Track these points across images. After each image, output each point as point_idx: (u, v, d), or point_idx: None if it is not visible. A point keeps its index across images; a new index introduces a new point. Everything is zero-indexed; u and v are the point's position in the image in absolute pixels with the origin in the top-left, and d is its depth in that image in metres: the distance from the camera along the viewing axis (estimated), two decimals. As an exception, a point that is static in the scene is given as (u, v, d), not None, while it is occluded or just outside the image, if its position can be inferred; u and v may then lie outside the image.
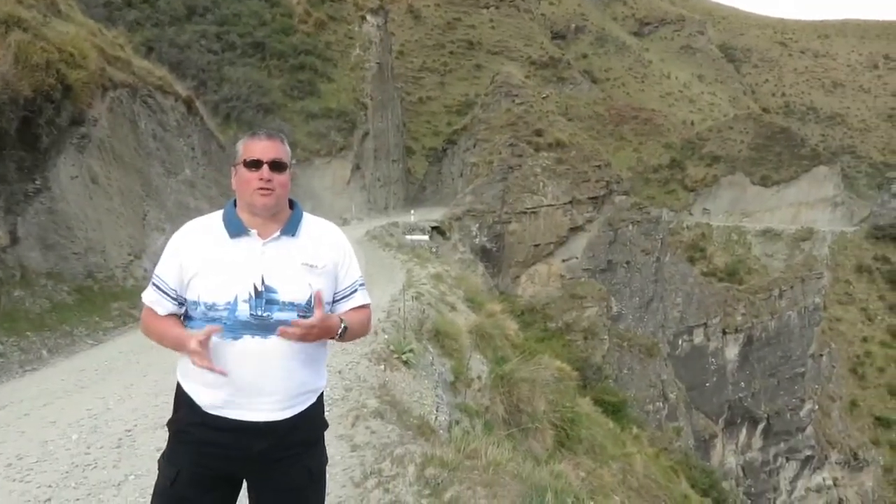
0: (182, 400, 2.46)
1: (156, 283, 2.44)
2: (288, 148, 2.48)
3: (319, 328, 2.32)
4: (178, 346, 2.37)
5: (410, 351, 7.24)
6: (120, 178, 12.87)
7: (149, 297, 2.45)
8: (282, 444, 2.41)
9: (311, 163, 33.23)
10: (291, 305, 2.36)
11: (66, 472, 4.42)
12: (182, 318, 2.46)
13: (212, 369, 2.27)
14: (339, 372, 6.39)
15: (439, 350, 8.45)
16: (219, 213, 2.48)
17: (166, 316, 2.44)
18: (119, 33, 16.95)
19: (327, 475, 2.64)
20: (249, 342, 2.33)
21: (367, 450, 4.69)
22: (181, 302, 2.43)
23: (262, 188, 2.38)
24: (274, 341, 2.34)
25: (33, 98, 9.47)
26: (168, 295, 2.43)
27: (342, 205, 34.05)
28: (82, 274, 10.67)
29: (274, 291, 2.34)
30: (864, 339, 62.25)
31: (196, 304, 2.37)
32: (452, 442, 5.16)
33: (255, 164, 2.39)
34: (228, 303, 2.33)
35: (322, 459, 2.58)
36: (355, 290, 2.55)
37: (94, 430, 5.24)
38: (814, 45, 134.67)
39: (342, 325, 2.42)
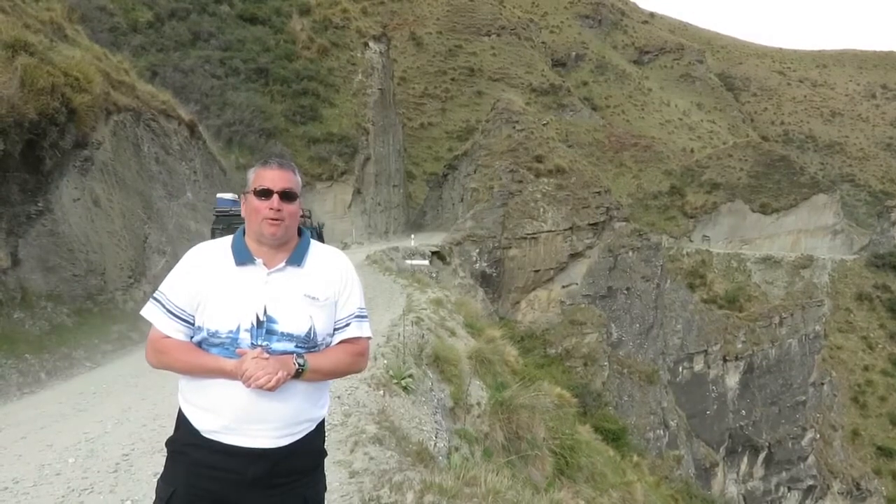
0: (181, 421, 2.45)
1: (175, 312, 2.37)
2: (299, 178, 2.49)
3: (266, 370, 2.25)
4: (216, 371, 2.32)
5: (410, 376, 7.20)
6: (122, 200, 12.92)
7: (168, 327, 2.38)
8: (278, 471, 2.38)
9: (312, 187, 33.39)
10: (290, 336, 2.36)
11: (63, 497, 4.38)
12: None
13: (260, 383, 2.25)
14: (339, 397, 6.36)
15: (439, 375, 8.41)
16: (228, 239, 2.48)
17: (185, 342, 2.40)
18: (124, 58, 17.18)
19: (326, 502, 2.62)
20: None
21: (366, 476, 4.65)
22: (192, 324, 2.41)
23: (271, 218, 2.38)
24: None
25: (38, 121, 9.55)
26: (189, 323, 2.39)
27: (343, 229, 34.14)
28: (82, 296, 10.67)
29: (274, 322, 2.34)
30: (866, 368, 61.96)
31: (199, 329, 2.37)
32: (451, 469, 5.12)
33: (265, 194, 2.39)
34: (231, 331, 2.33)
35: (320, 488, 2.55)
36: (349, 323, 2.50)
37: (92, 454, 5.21)
38: (812, 75, 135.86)
39: (297, 364, 2.32)
